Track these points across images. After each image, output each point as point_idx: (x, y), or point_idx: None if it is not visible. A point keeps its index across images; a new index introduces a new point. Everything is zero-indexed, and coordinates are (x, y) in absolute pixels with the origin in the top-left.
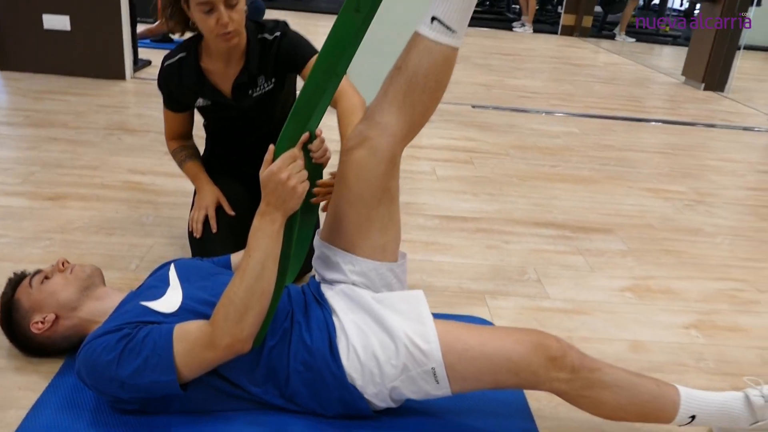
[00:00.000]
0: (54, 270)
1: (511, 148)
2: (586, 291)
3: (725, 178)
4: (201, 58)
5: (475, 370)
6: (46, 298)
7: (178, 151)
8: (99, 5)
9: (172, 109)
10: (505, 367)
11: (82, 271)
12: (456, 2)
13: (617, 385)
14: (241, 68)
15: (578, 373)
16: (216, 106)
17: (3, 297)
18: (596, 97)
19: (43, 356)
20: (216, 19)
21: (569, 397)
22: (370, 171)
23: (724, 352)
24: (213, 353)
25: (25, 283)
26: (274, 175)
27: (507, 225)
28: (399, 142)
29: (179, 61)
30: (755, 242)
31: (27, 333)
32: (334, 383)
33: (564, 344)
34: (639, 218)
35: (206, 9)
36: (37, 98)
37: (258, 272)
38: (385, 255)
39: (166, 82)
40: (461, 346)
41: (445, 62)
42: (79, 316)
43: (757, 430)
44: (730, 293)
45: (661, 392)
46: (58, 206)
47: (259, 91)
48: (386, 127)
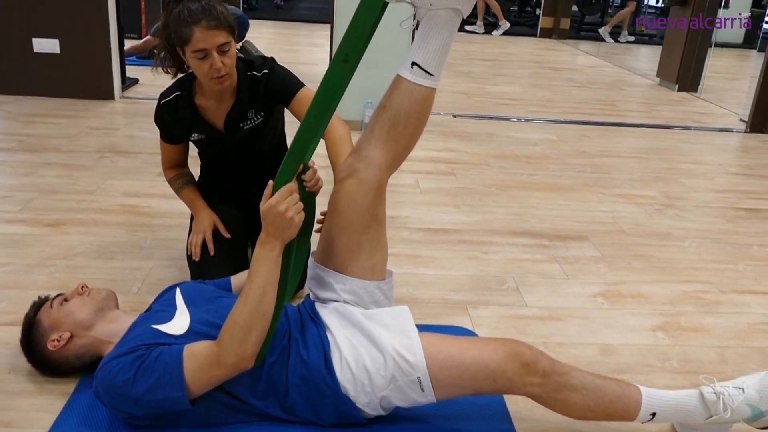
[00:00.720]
0: (73, 293)
1: (491, 158)
2: (562, 298)
3: (695, 180)
4: (195, 96)
5: (456, 378)
6: (63, 318)
7: (175, 179)
8: (88, 28)
9: (169, 142)
10: (483, 374)
11: (98, 293)
12: (433, 51)
13: (585, 388)
14: (233, 104)
15: (549, 378)
16: (210, 139)
17: (25, 318)
18: (574, 102)
19: (57, 375)
20: (210, 64)
21: (542, 400)
22: (359, 200)
23: (687, 352)
24: (220, 371)
25: (47, 305)
26: (273, 208)
27: (487, 236)
28: (384, 172)
29: (175, 99)
30: (721, 244)
31: (44, 351)
32: (329, 394)
33: (535, 351)
34: (612, 224)
35: (201, 56)
36: (29, 122)
37: (259, 296)
38: (374, 274)
39: (162, 118)
40: (443, 356)
41: (424, 101)
42: (92, 336)
43: (711, 424)
44: (696, 295)
45: (624, 393)
46: (59, 232)
47: (250, 125)
48: (373, 160)
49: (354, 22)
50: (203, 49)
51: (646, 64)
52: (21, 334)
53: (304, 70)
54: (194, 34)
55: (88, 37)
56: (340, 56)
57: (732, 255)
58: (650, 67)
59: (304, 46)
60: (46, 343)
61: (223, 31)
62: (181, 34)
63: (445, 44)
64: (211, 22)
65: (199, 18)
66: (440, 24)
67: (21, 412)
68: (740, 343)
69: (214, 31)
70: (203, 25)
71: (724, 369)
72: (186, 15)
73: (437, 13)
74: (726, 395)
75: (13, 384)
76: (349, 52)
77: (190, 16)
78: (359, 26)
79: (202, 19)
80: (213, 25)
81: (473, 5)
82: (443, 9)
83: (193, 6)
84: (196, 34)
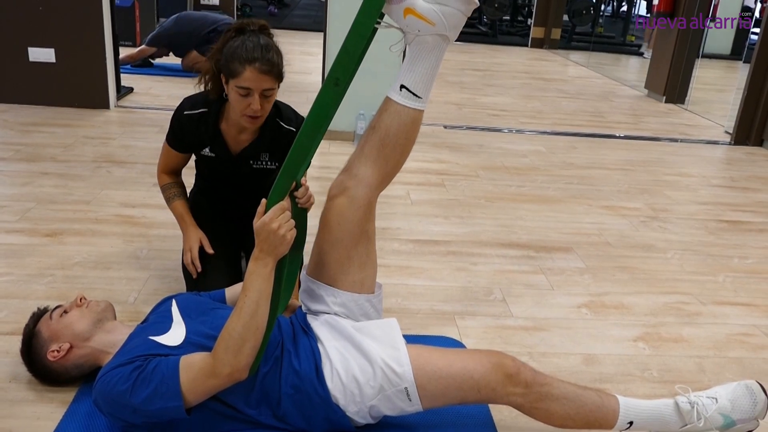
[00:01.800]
0: (72, 305)
1: (481, 169)
2: (547, 309)
3: (679, 193)
4: (221, 120)
5: (442, 389)
6: (62, 329)
7: (168, 187)
8: (83, 37)
9: (176, 149)
10: (468, 384)
11: (96, 305)
12: (421, 74)
13: (565, 398)
14: (252, 142)
15: (531, 388)
16: (218, 159)
17: (25, 329)
18: (563, 113)
19: (57, 384)
20: (248, 103)
21: (525, 409)
22: (349, 216)
23: (667, 362)
24: (215, 381)
25: (46, 316)
26: (266, 225)
27: (475, 247)
28: (374, 190)
29: (200, 114)
30: (702, 256)
31: (44, 361)
32: (320, 403)
33: (518, 363)
34: (597, 236)
35: (243, 93)
36: (25, 131)
37: (253, 310)
38: (363, 288)
39: (181, 127)
40: (430, 367)
41: (412, 122)
42: (91, 346)
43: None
44: (676, 306)
45: (603, 402)
46: (56, 243)
47: (260, 165)
48: (363, 179)
49: (345, 48)
50: (248, 88)
51: (635, 75)
52: (21, 345)
53: (297, 80)
54: (245, 72)
55: (84, 46)
56: (331, 80)
57: (713, 267)
58: (639, 78)
59: (297, 54)
60: (46, 353)
61: (273, 78)
62: (232, 66)
63: (433, 68)
64: (264, 66)
65: (254, 58)
66: (428, 49)
67: (22, 420)
68: (718, 353)
69: (265, 76)
70: (256, 66)
71: (702, 378)
72: (242, 51)
73: (425, 39)
74: (700, 405)
75: (14, 392)
76: (340, 75)
77: (245, 53)
78: (349, 51)
79: (256, 60)
80: (265, 69)
81: (459, 31)
82: (431, 35)
83: (251, 44)
84: (247, 72)
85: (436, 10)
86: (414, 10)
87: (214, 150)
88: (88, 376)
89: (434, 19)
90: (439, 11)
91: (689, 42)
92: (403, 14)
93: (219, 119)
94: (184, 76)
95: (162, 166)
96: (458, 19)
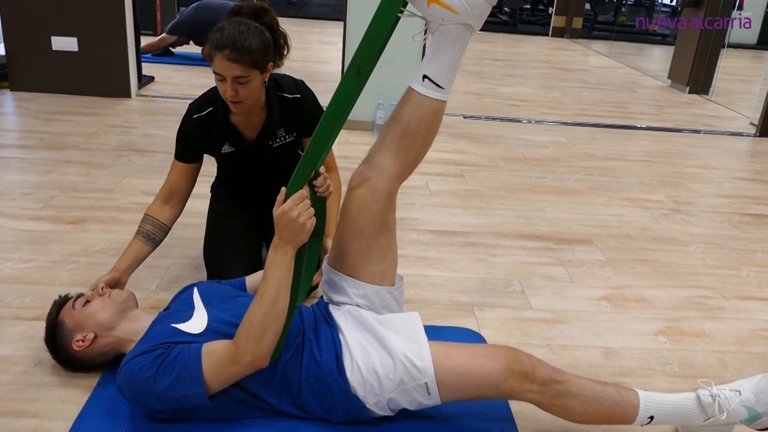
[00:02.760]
0: (94, 294)
1: (500, 160)
2: (566, 301)
3: (702, 185)
4: (229, 113)
5: (461, 385)
6: (86, 319)
7: (146, 219)
8: (105, 26)
9: (187, 159)
10: (487, 382)
11: (119, 295)
12: (444, 64)
13: (583, 394)
14: (264, 123)
15: (547, 386)
16: (239, 151)
17: (48, 317)
18: (584, 103)
19: (82, 371)
20: (224, 89)
21: (542, 405)
22: (370, 207)
23: (688, 357)
24: (237, 369)
25: (69, 306)
26: (285, 214)
27: (494, 238)
28: (395, 181)
29: (208, 114)
30: (726, 250)
31: (69, 350)
32: (340, 394)
33: (534, 360)
34: (618, 228)
35: (219, 79)
36: (49, 119)
37: (274, 298)
38: (384, 279)
39: (192, 132)
40: (450, 364)
41: (435, 113)
42: (115, 335)
43: (710, 426)
44: (698, 300)
45: (622, 397)
46: (80, 230)
47: (279, 143)
48: (384, 169)
49: (367, 36)
50: (220, 74)
51: (658, 65)
52: (45, 333)
53: (317, 69)
54: (215, 59)
55: (106, 35)
56: (353, 69)
57: (736, 261)
58: (662, 68)
59: (317, 44)
60: (71, 342)
61: (243, 66)
62: (210, 52)
63: (456, 58)
64: (232, 54)
65: (223, 45)
66: (451, 39)
67: (47, 403)
68: (741, 349)
69: (233, 63)
70: (225, 54)
71: (724, 373)
72: (216, 37)
73: (449, 28)
74: (722, 398)
75: (39, 377)
76: (362, 65)
77: (217, 40)
78: (372, 40)
79: (225, 47)
80: (233, 57)
81: (484, 21)
82: (455, 24)
83: (228, 30)
84: (216, 59)
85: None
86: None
87: (233, 144)
88: (112, 362)
89: (458, 8)
90: (464, 0)
91: (714, 32)
92: (427, 3)
93: (228, 113)
94: (203, 65)
95: (166, 188)
96: (483, 9)
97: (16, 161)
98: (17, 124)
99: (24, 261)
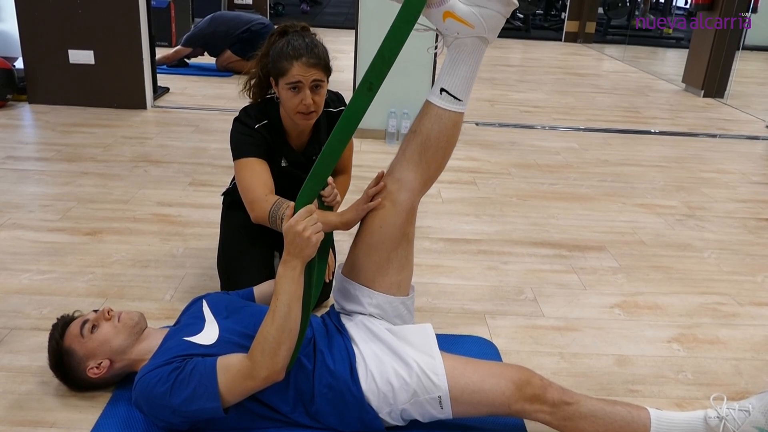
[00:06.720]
0: (100, 318)
1: (513, 167)
2: (579, 309)
3: (717, 190)
4: (282, 126)
5: (474, 402)
6: (99, 347)
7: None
8: (121, 39)
9: (261, 155)
10: (499, 401)
11: (130, 319)
12: (461, 77)
13: (593, 415)
14: (310, 138)
15: (558, 407)
16: (293, 166)
17: (51, 341)
18: (597, 109)
19: (94, 390)
20: (300, 99)
21: (554, 426)
22: (391, 220)
23: (702, 364)
24: (252, 383)
25: (74, 332)
26: (292, 228)
27: (506, 246)
28: (417, 194)
29: (266, 126)
30: (741, 255)
31: (82, 376)
32: (354, 404)
33: (545, 382)
34: (631, 235)
35: (294, 90)
36: (66, 132)
37: (285, 313)
38: (400, 290)
39: (261, 138)
40: (464, 381)
41: (454, 126)
42: (129, 358)
43: None
44: (713, 307)
45: (633, 417)
46: (96, 241)
47: None
48: (405, 183)
49: (380, 53)
50: (298, 81)
51: (672, 68)
52: (51, 361)
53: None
54: (293, 68)
55: (121, 48)
56: (364, 85)
57: (751, 266)
58: (676, 72)
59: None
60: (84, 370)
61: (320, 70)
62: (280, 65)
63: (473, 71)
64: (311, 60)
65: (301, 53)
66: (467, 52)
67: (65, 413)
68: (755, 356)
69: (313, 68)
70: (303, 61)
71: (738, 381)
72: (288, 49)
73: (464, 41)
74: (730, 419)
75: (57, 387)
76: (373, 81)
77: (292, 50)
78: (385, 57)
79: (303, 55)
80: (312, 62)
81: (498, 32)
82: (470, 37)
83: (296, 42)
84: (295, 68)
85: (475, 12)
86: (453, 14)
87: (288, 159)
88: (126, 379)
89: (473, 22)
90: (479, 14)
91: (729, 34)
92: (442, 17)
93: (281, 127)
94: (218, 76)
95: (260, 185)
96: (497, 21)
97: (34, 173)
98: (35, 136)
99: (42, 272)
